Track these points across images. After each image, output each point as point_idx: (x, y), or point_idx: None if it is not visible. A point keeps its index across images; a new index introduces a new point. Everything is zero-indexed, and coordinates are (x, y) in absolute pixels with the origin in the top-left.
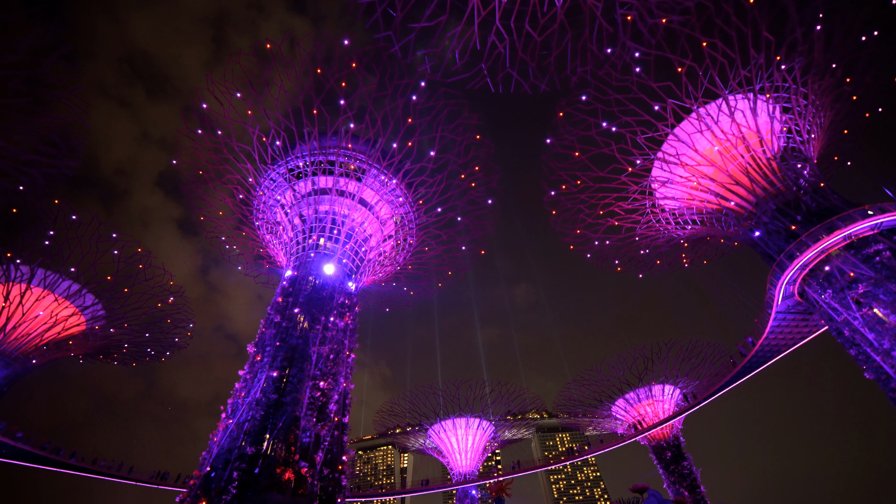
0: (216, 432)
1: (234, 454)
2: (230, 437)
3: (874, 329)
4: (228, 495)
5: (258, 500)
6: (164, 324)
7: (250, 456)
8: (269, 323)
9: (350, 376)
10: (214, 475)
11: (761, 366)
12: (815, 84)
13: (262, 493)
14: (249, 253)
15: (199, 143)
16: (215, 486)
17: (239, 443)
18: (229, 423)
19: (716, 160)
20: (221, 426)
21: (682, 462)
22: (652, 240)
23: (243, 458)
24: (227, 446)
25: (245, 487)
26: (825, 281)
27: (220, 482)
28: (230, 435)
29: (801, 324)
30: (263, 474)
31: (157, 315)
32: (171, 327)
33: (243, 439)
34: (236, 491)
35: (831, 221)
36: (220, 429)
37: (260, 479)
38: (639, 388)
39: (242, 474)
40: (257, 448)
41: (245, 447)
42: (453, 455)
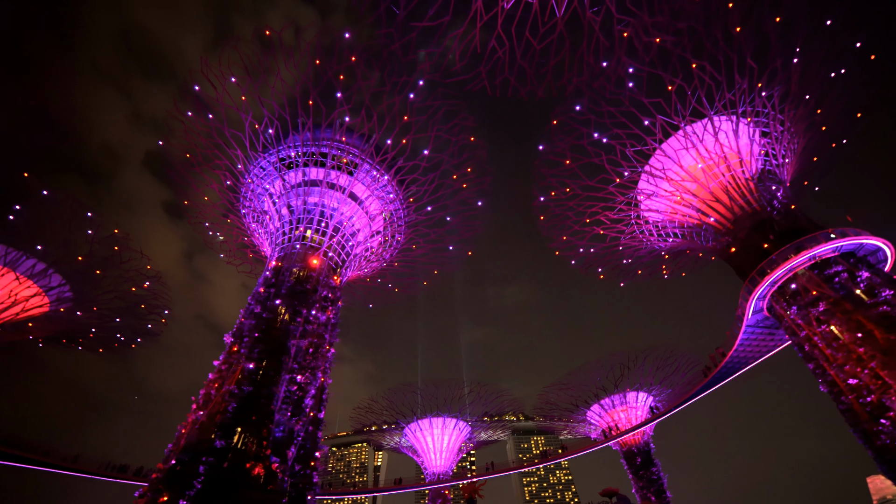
0: (185, 424)
1: (202, 447)
2: (200, 430)
3: (830, 345)
4: (193, 490)
5: (225, 496)
6: (137, 309)
7: (219, 449)
8: (248, 313)
9: (329, 371)
10: (180, 469)
11: (730, 376)
12: (791, 112)
13: (230, 489)
14: (234, 241)
15: (190, 126)
16: (180, 480)
17: (209, 435)
18: (200, 415)
19: (699, 177)
20: (191, 417)
21: (651, 468)
22: (635, 250)
23: (212, 451)
24: (195, 439)
25: (212, 482)
26: (791, 298)
27: (186, 476)
28: (200, 427)
29: (768, 338)
30: (232, 469)
31: (130, 300)
32: (146, 313)
33: (213, 432)
34: (202, 486)
35: (799, 242)
36: (189, 420)
37: (228, 473)
38: (614, 395)
39: (210, 468)
40: (228, 441)
41: (215, 440)
42: (428, 455)
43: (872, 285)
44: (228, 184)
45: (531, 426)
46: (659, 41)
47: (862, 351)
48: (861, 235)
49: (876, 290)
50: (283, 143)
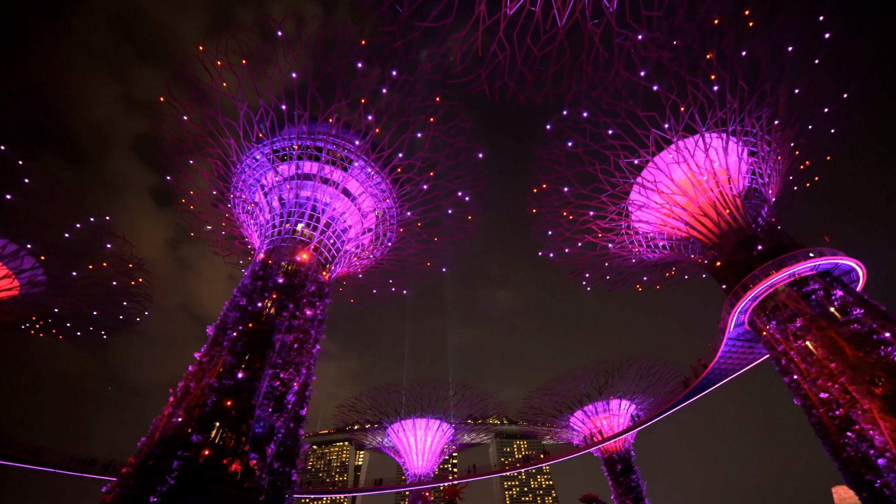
0: (161, 417)
1: (178, 441)
2: (176, 423)
3: (805, 360)
4: (166, 486)
5: (199, 492)
6: (118, 297)
7: (196, 444)
8: (233, 306)
9: (313, 367)
10: (153, 463)
11: (711, 387)
12: (778, 133)
13: (205, 484)
14: (222, 231)
15: (183, 112)
16: (152, 474)
17: (185, 429)
18: (177, 408)
19: (689, 191)
20: (167, 411)
21: (631, 475)
22: (624, 259)
23: (188, 445)
24: (171, 433)
25: (186, 478)
26: (771, 313)
27: (158, 471)
28: (177, 420)
29: (748, 351)
30: (208, 464)
31: (110, 287)
32: (126, 301)
33: (191, 426)
34: (175, 482)
35: (780, 259)
36: (165, 413)
37: (204, 468)
38: (598, 402)
39: (185, 463)
40: (205, 436)
41: (191, 434)
42: (410, 455)
43: (845, 304)
44: (220, 173)
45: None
46: (656, 57)
47: (833, 366)
48: (837, 256)
49: (848, 308)
50: (278, 135)
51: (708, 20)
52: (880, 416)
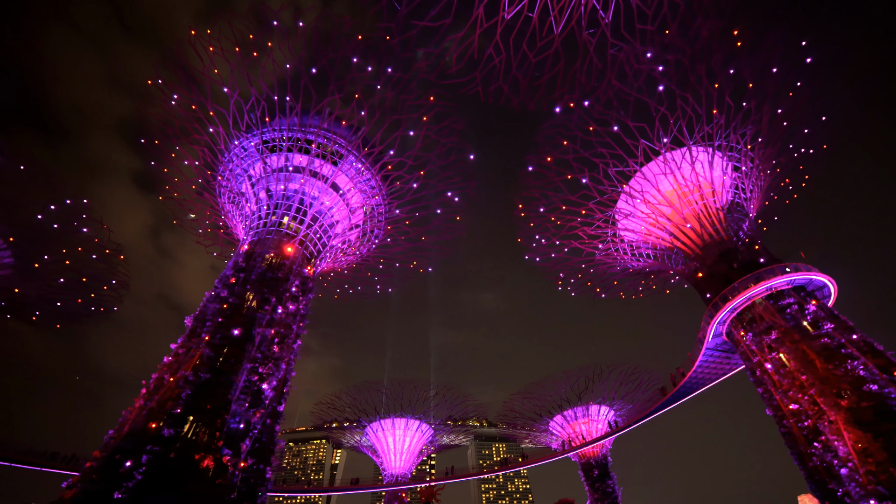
0: (131, 409)
1: (148, 435)
2: (147, 416)
3: (778, 372)
4: (133, 481)
5: (168, 488)
6: (92, 283)
7: (167, 438)
8: (214, 297)
9: (293, 363)
10: (120, 457)
11: (688, 396)
12: (760, 151)
13: (174, 481)
14: (206, 220)
15: (171, 97)
16: (118, 470)
17: (157, 423)
18: (149, 401)
19: (674, 202)
20: (139, 403)
21: (607, 480)
22: (609, 267)
23: (159, 440)
24: (141, 426)
25: (155, 473)
26: (748, 325)
27: (126, 466)
28: (148, 413)
29: (725, 361)
30: (179, 459)
31: (85, 272)
32: (101, 286)
33: (163, 419)
34: (143, 477)
35: (759, 273)
36: (136, 406)
37: (174, 464)
38: (577, 407)
39: (155, 458)
40: (177, 430)
41: (163, 428)
42: (388, 455)
43: (817, 318)
44: (207, 161)
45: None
46: (648, 69)
47: (804, 379)
48: (811, 272)
49: (820, 322)
50: (269, 126)
51: (698, 37)
52: (845, 428)
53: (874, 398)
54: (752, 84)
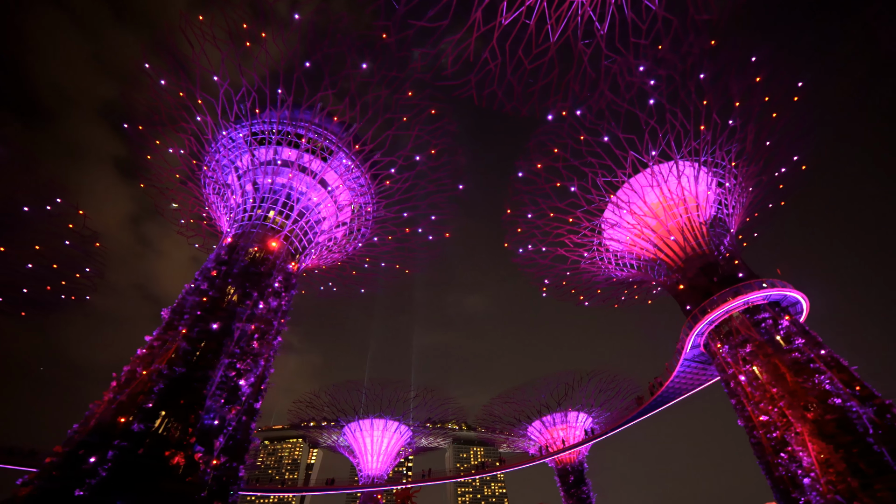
0: (99, 403)
1: (116, 430)
2: (116, 410)
3: (751, 384)
4: (96, 478)
5: (134, 486)
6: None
7: (137, 434)
8: (193, 289)
9: (272, 360)
10: (84, 453)
11: (664, 405)
12: (744, 168)
13: (141, 478)
14: (189, 211)
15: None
16: (81, 466)
17: (126, 417)
18: (119, 394)
19: (659, 214)
20: (108, 396)
21: (583, 486)
22: (593, 275)
23: (127, 435)
24: (109, 420)
25: (121, 470)
26: (725, 337)
27: (90, 462)
28: (118, 407)
29: (701, 372)
30: (148, 456)
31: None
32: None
33: (133, 414)
34: (108, 474)
35: (737, 287)
36: (105, 399)
37: (143, 461)
38: (556, 413)
39: (122, 454)
40: (148, 425)
41: (133, 423)
42: (365, 456)
43: (790, 333)
44: (194, 150)
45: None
46: (640, 83)
47: (775, 391)
48: (786, 288)
49: (792, 337)
50: (258, 118)
51: (690, 54)
52: (810, 439)
53: (837, 411)
54: (739, 103)
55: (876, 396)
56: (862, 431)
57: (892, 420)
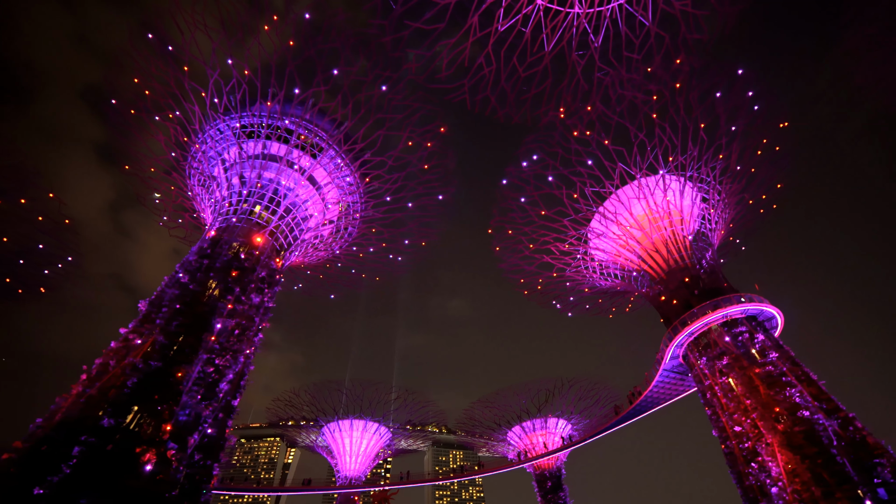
0: (66, 396)
1: (84, 425)
2: (85, 405)
3: (727, 395)
4: (58, 476)
5: (99, 484)
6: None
7: (106, 429)
8: (173, 282)
9: (252, 357)
10: (47, 448)
11: (642, 414)
12: (727, 186)
13: (108, 476)
14: (172, 201)
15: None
16: (43, 462)
17: (95, 412)
18: (89, 388)
19: (645, 226)
20: (76, 390)
21: (560, 492)
22: (577, 284)
23: (96, 430)
24: (76, 415)
25: (86, 466)
26: (703, 349)
27: (53, 458)
28: (86, 401)
29: (679, 383)
30: (117, 453)
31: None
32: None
33: (103, 409)
34: (71, 471)
35: (717, 300)
36: (73, 393)
37: (110, 458)
38: (536, 419)
39: (88, 450)
40: (118, 421)
41: (102, 418)
42: (343, 457)
43: (764, 347)
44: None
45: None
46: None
47: (749, 403)
48: (763, 303)
49: (766, 351)
50: (248, 110)
51: (680, 71)
52: (779, 450)
53: (805, 423)
54: (725, 121)
55: (841, 410)
56: (827, 443)
57: (854, 432)
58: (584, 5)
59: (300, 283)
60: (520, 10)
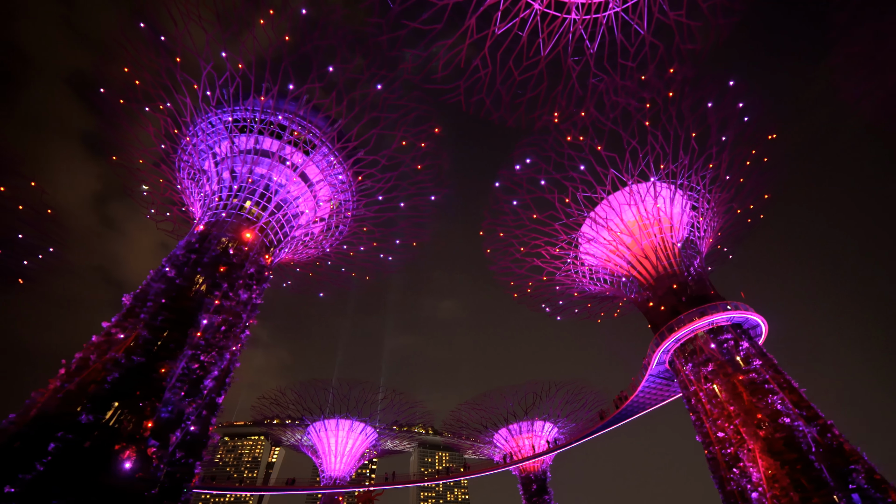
0: (43, 391)
1: (61, 420)
2: (63, 399)
3: (711, 401)
4: (32, 473)
5: (74, 482)
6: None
7: (84, 425)
8: (159, 276)
9: (239, 354)
10: (19, 445)
11: (628, 418)
12: (717, 195)
13: (84, 473)
14: (160, 194)
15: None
16: (14, 459)
17: (73, 408)
18: (68, 382)
19: (635, 233)
20: (54, 384)
21: (544, 496)
22: (567, 287)
23: (73, 426)
24: (53, 410)
25: (61, 464)
26: (689, 355)
27: (25, 455)
28: (64, 396)
29: (665, 388)
30: (95, 450)
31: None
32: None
33: (82, 404)
34: (45, 468)
35: (704, 308)
36: (50, 387)
37: (88, 455)
38: (522, 421)
39: (64, 447)
40: (97, 417)
41: (80, 414)
42: (328, 457)
43: (749, 355)
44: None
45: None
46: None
47: (732, 409)
48: (748, 311)
49: (750, 359)
50: (241, 105)
51: (673, 80)
52: (760, 456)
53: (786, 430)
54: (716, 131)
55: (820, 417)
56: (806, 449)
57: (832, 439)
58: (580, 12)
59: (289, 281)
60: (517, 14)
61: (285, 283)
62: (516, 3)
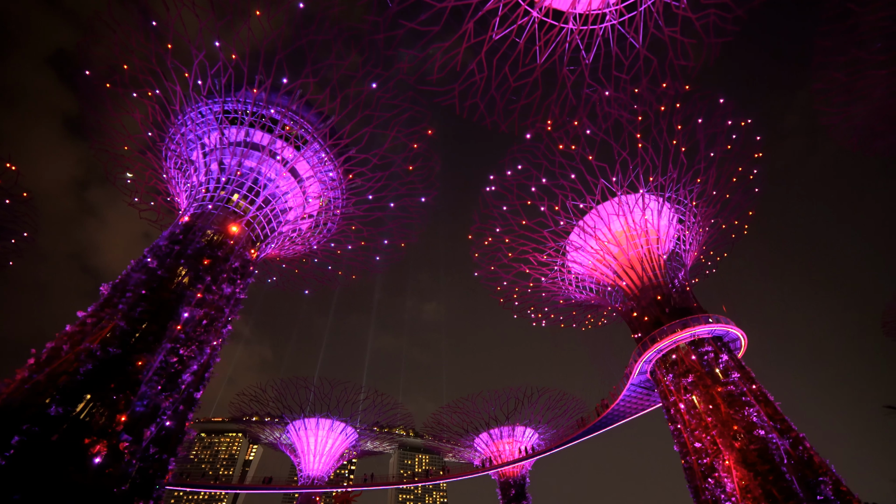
0: (8, 381)
1: (27, 412)
2: (30, 391)
3: (689, 412)
4: None
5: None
6: None
7: (52, 418)
8: (140, 266)
9: (219, 349)
10: None
11: (609, 426)
12: (703, 209)
13: (50, 469)
14: (144, 182)
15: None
16: None
17: (42, 399)
18: (37, 373)
19: (622, 243)
20: (21, 375)
21: (522, 501)
22: (553, 294)
23: (41, 419)
24: (20, 401)
25: (26, 458)
26: (670, 366)
27: None
28: (32, 388)
29: (645, 397)
30: (63, 444)
31: None
32: None
33: (51, 396)
34: (7, 462)
35: (686, 319)
36: (17, 378)
37: (55, 449)
38: (503, 426)
39: (30, 440)
40: (67, 409)
41: (49, 405)
42: (307, 456)
43: (728, 367)
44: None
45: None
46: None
47: (710, 420)
48: (729, 324)
49: (729, 371)
50: (233, 96)
51: (665, 95)
52: (734, 467)
53: (760, 442)
54: (704, 146)
55: (793, 430)
56: (778, 461)
57: (803, 452)
58: (578, 22)
59: (274, 277)
60: (515, 21)
61: (270, 279)
62: (514, 9)
